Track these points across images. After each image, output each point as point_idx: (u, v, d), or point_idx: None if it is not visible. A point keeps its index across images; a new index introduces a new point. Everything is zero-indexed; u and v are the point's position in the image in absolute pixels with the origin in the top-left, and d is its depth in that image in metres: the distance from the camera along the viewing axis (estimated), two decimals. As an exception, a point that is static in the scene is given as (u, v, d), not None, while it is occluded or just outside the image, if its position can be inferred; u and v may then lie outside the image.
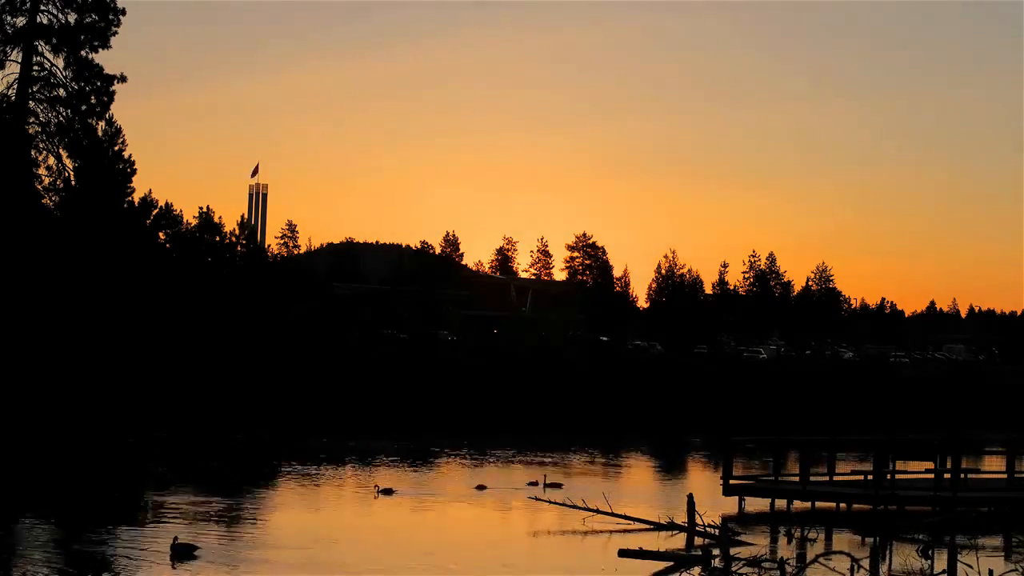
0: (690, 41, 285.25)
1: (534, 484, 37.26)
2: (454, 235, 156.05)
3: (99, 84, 75.32)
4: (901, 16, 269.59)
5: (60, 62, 75.12)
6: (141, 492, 35.02)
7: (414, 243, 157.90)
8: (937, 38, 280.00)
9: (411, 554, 25.72)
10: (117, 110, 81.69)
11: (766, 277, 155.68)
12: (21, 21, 74.06)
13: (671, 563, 23.60)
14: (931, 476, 32.17)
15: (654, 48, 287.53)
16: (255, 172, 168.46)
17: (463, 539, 28.59)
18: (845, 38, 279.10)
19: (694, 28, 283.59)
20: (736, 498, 32.93)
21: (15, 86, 74.50)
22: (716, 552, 23.81)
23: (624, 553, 23.57)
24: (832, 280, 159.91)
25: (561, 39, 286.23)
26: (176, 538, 24.35)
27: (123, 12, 76.41)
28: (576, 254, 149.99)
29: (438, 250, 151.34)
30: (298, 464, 43.64)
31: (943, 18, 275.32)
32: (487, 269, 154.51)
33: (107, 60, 79.50)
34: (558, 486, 36.73)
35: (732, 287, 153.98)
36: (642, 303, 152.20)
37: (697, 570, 23.33)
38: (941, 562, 21.81)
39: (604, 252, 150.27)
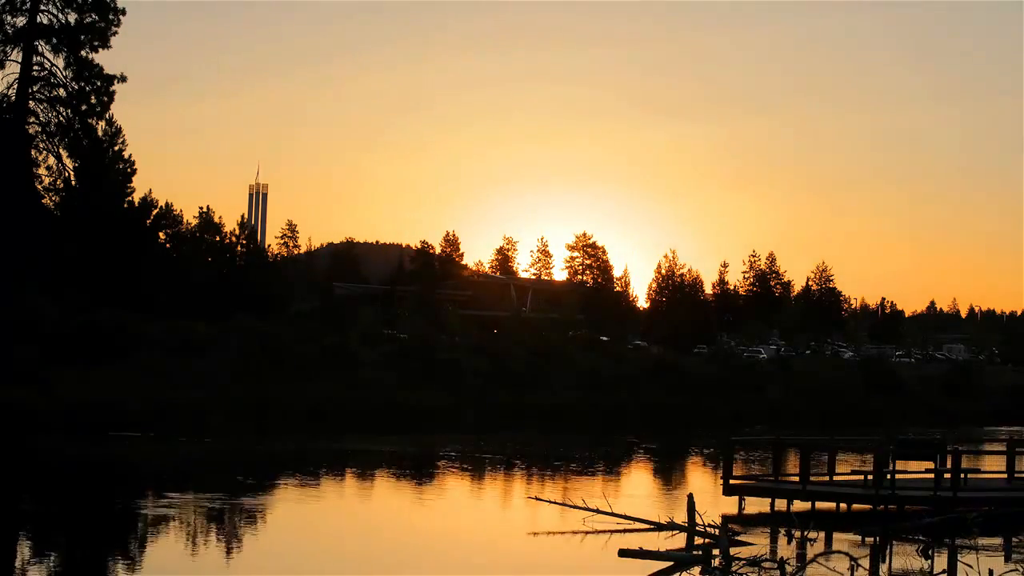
0: (690, 45, 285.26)
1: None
2: (454, 235, 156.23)
3: (99, 84, 75.47)
4: (900, 17, 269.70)
5: (60, 62, 75.26)
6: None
7: (414, 243, 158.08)
8: (936, 40, 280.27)
9: (408, 553, 25.73)
10: (117, 110, 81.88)
11: (766, 277, 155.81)
12: (21, 21, 74.22)
13: (671, 563, 23.58)
14: (931, 476, 32.15)
15: (654, 53, 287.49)
16: (256, 173, 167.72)
17: (461, 538, 28.58)
18: (844, 42, 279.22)
19: (694, 34, 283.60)
20: (736, 498, 32.90)
21: (15, 86, 74.61)
22: (716, 552, 23.79)
23: (624, 553, 23.54)
24: (832, 280, 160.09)
25: (561, 45, 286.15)
26: None
27: (123, 12, 76.56)
28: (576, 254, 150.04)
29: (438, 250, 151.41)
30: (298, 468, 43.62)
31: (942, 18, 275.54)
32: (487, 269, 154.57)
33: (107, 60, 79.77)
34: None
35: (732, 287, 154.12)
36: (642, 303, 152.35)
37: (697, 570, 23.32)
38: (941, 562, 21.81)
39: (604, 252, 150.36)
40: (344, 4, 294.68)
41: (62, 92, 74.45)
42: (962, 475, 32.27)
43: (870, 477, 31.92)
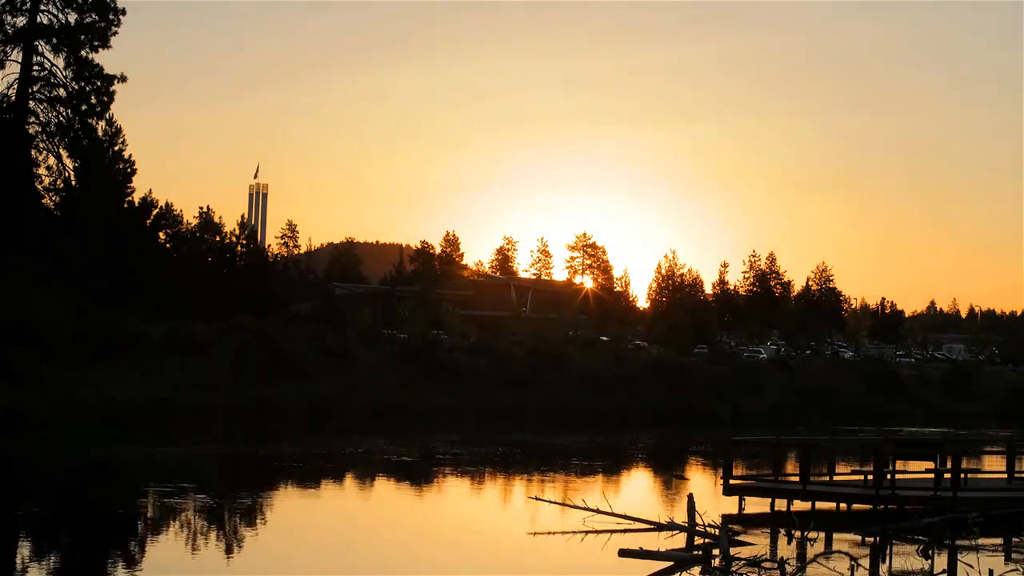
0: (690, 46, 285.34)
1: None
2: (454, 235, 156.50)
3: (99, 84, 75.48)
4: (900, 17, 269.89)
5: (60, 62, 75.29)
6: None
7: (414, 243, 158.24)
8: (935, 39, 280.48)
9: (408, 553, 25.72)
10: (117, 110, 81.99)
11: (766, 277, 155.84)
12: (21, 21, 74.26)
13: (671, 563, 23.57)
14: (931, 476, 32.14)
15: (653, 55, 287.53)
16: (256, 172, 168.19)
17: (461, 538, 28.58)
18: (844, 42, 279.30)
19: (696, 36, 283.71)
20: (736, 498, 32.89)
21: (15, 86, 74.63)
22: (716, 552, 23.78)
23: (624, 553, 23.53)
24: (832, 280, 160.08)
25: (561, 47, 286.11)
26: None
27: (123, 12, 76.61)
28: (576, 254, 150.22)
29: (438, 250, 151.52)
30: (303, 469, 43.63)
31: (941, 18, 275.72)
32: (487, 269, 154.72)
33: (107, 60, 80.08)
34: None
35: (732, 287, 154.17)
36: (642, 303, 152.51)
37: (697, 570, 23.31)
38: (941, 562, 21.79)
39: (604, 252, 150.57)
40: (345, 5, 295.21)
41: (62, 92, 74.49)
42: (962, 475, 32.26)
43: (870, 477, 31.90)
